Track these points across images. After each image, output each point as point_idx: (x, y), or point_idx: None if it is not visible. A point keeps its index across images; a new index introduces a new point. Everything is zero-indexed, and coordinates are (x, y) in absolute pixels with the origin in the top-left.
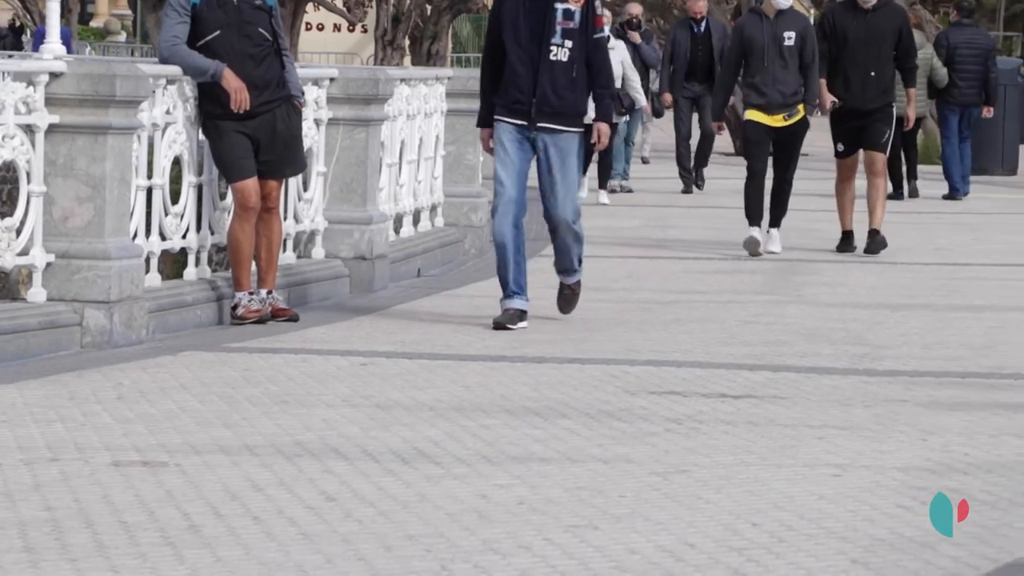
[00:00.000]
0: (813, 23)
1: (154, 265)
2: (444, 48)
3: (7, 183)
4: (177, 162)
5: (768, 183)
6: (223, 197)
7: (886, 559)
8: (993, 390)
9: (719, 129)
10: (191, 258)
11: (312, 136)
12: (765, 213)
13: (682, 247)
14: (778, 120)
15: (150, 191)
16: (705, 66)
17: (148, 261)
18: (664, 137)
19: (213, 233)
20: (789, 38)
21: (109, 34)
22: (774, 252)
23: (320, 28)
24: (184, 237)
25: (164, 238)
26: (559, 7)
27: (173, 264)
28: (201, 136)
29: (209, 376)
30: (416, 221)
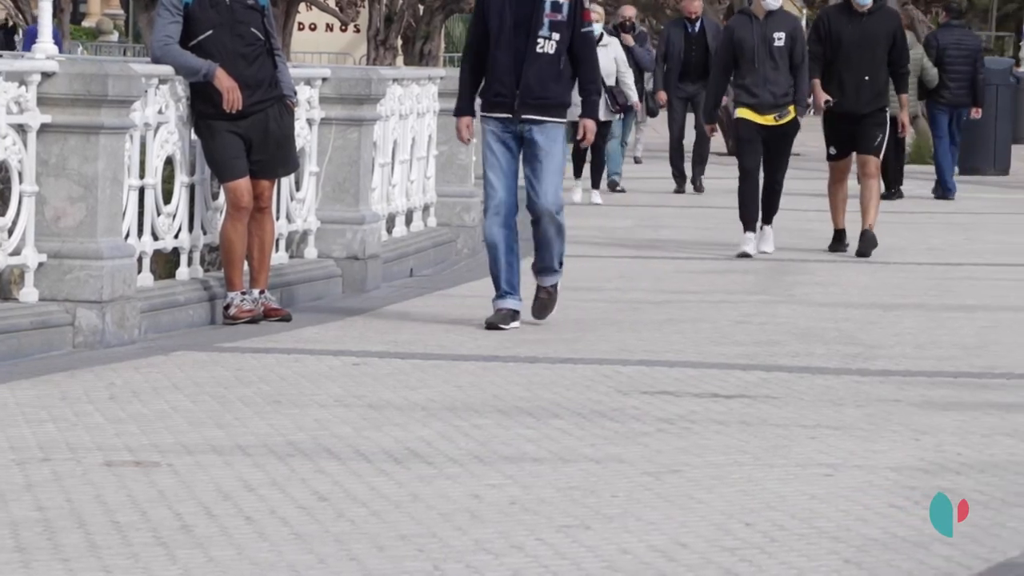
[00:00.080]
0: (805, 24)
1: (146, 265)
2: (437, 48)
3: None
4: (169, 162)
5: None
6: (215, 197)
7: (879, 559)
8: (985, 390)
9: (711, 131)
10: (183, 258)
11: (304, 136)
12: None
13: (675, 247)
14: (769, 120)
15: (142, 191)
16: (699, 66)
17: (140, 261)
18: (657, 137)
19: (205, 233)
20: (779, 39)
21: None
22: (766, 252)
23: (312, 28)
24: (176, 237)
25: (156, 238)
26: None
27: (165, 264)
28: (193, 136)
29: (201, 376)
30: (409, 221)
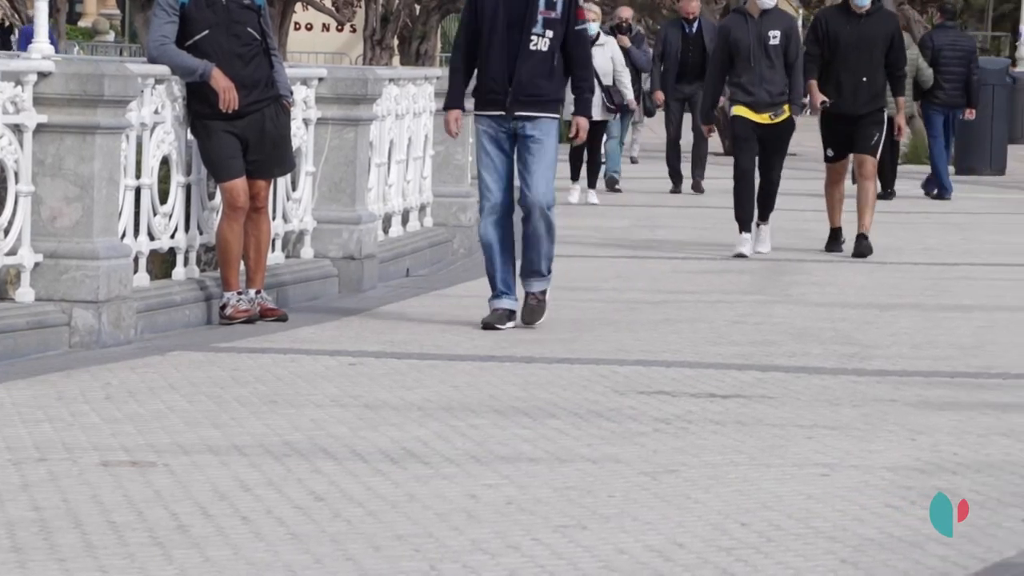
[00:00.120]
0: (802, 24)
1: (142, 265)
2: (433, 48)
3: None
4: (165, 162)
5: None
6: (211, 197)
7: (875, 559)
8: (982, 390)
9: (709, 132)
10: (179, 258)
11: (301, 136)
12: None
13: (671, 247)
14: (764, 118)
15: (138, 191)
16: (697, 66)
17: (136, 261)
18: (654, 137)
19: (201, 233)
20: (774, 37)
21: (97, 34)
22: (762, 252)
23: (309, 28)
24: (172, 237)
25: (152, 238)
26: None
27: (161, 264)
28: (189, 136)
29: (198, 376)
30: (405, 221)
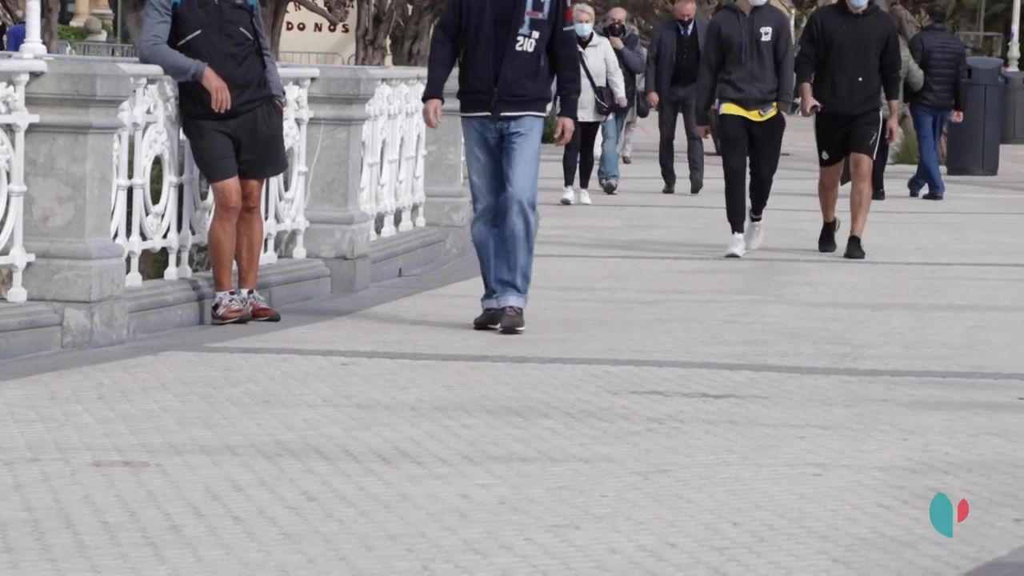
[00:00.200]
0: (793, 23)
1: (135, 265)
2: (425, 48)
3: None
4: (158, 162)
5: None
6: (204, 197)
7: (867, 558)
8: (973, 389)
9: (705, 132)
10: (172, 258)
11: (293, 136)
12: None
13: (663, 247)
14: (754, 115)
15: (131, 191)
16: (691, 69)
17: (129, 261)
18: (646, 137)
19: (194, 233)
20: (766, 34)
21: (89, 33)
22: (752, 247)
23: (301, 28)
24: (165, 237)
25: (145, 238)
26: None
27: (154, 264)
28: (182, 136)
29: (190, 376)
30: (397, 221)
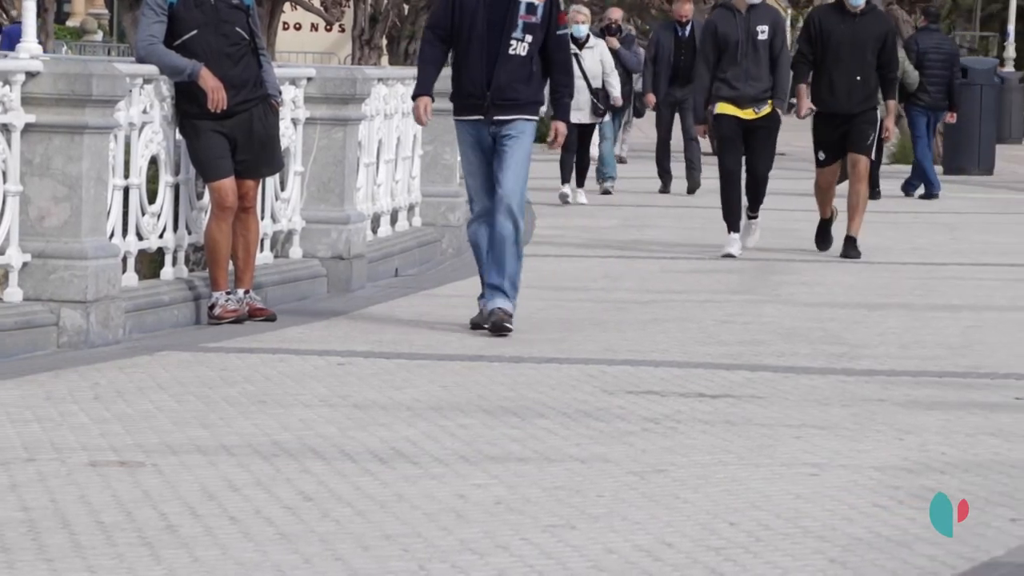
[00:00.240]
0: (789, 23)
1: (131, 265)
2: None
3: None
4: (154, 161)
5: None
6: (200, 197)
7: (863, 558)
8: (970, 389)
9: (704, 132)
10: (168, 258)
11: (289, 136)
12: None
13: (660, 247)
14: (748, 113)
15: (127, 191)
16: (689, 70)
17: (125, 261)
18: (643, 137)
19: (190, 233)
20: (763, 32)
21: (85, 33)
22: (748, 245)
23: (297, 27)
24: (161, 237)
25: (141, 238)
26: (523, 1)
27: (150, 264)
28: (178, 135)
29: (186, 376)
30: (394, 221)
